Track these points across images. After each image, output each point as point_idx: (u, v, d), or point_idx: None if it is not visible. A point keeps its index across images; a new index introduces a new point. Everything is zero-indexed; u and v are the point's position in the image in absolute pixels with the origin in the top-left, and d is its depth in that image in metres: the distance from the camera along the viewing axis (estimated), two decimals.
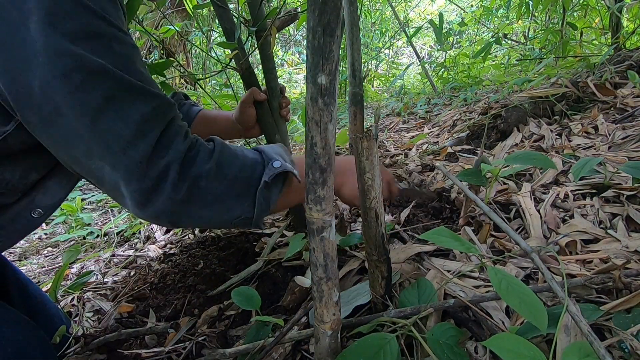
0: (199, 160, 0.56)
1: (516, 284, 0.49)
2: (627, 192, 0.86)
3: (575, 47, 2.58)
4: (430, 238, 0.59)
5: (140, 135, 0.51)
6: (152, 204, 0.53)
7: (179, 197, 0.53)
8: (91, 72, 0.48)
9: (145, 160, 0.51)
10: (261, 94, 0.97)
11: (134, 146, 0.50)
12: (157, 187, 0.52)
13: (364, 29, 5.23)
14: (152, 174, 0.51)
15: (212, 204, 0.57)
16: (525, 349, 0.42)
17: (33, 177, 0.61)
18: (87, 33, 0.48)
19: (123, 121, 0.50)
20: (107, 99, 0.49)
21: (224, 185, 0.57)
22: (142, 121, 0.51)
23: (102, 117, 0.49)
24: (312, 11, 0.36)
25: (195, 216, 0.57)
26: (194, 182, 0.54)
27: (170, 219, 0.56)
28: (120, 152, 0.50)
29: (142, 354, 0.75)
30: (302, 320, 0.73)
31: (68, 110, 0.48)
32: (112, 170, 0.51)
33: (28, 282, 0.86)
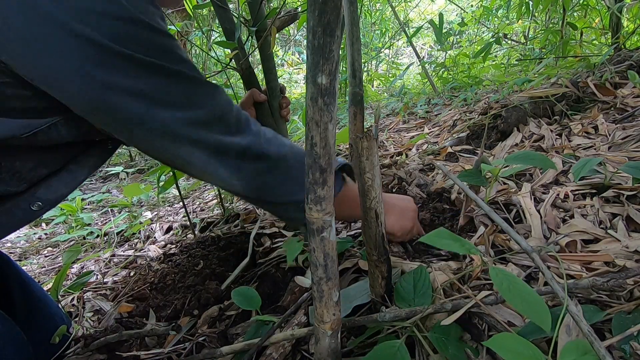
0: (276, 137, 0.66)
1: (518, 284, 0.49)
2: (627, 192, 0.86)
3: (575, 47, 2.58)
4: (430, 241, 0.59)
5: (220, 120, 0.60)
6: (244, 171, 0.61)
7: (269, 162, 0.63)
8: (172, 77, 0.55)
9: (234, 134, 0.60)
10: (261, 95, 0.97)
11: (219, 129, 0.59)
12: (247, 155, 0.61)
13: (364, 29, 5.23)
14: (239, 144, 0.60)
15: (290, 179, 0.65)
16: (525, 349, 0.42)
17: (42, 171, 0.63)
18: (158, 49, 0.54)
19: (207, 111, 0.58)
20: (188, 96, 0.57)
21: (300, 165, 0.64)
22: (219, 109, 0.60)
23: (187, 111, 0.57)
24: (312, 11, 0.36)
25: (276, 189, 0.65)
26: (279, 154, 0.64)
27: (257, 190, 0.64)
28: (210, 135, 0.58)
29: (142, 356, 0.75)
30: (302, 320, 0.73)
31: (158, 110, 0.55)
32: (201, 152, 0.59)
33: (30, 281, 0.86)
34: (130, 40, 0.51)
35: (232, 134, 0.61)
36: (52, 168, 0.64)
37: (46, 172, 0.63)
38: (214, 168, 0.61)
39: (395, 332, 0.62)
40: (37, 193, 0.64)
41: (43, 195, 0.65)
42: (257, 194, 0.65)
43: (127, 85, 0.52)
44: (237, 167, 0.61)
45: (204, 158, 0.59)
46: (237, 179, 0.62)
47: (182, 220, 1.75)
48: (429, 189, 1.19)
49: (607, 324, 0.55)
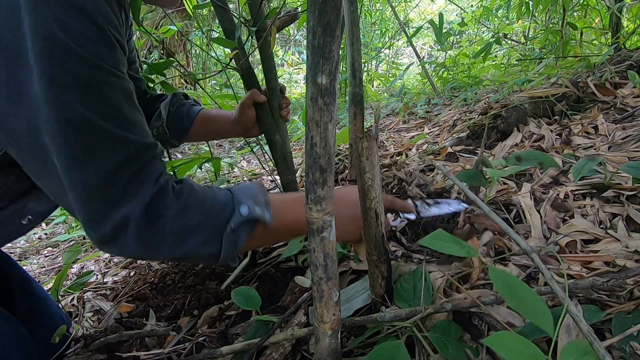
0: (165, 206, 0.55)
1: (519, 284, 0.49)
2: (627, 192, 0.86)
3: (575, 47, 2.58)
4: (429, 244, 0.59)
5: (109, 182, 0.51)
6: (111, 245, 0.54)
7: (142, 240, 0.54)
8: (76, 123, 0.49)
9: (110, 204, 0.52)
10: (261, 95, 0.97)
11: (101, 192, 0.51)
12: (119, 231, 0.53)
13: (364, 29, 5.23)
14: (114, 218, 0.52)
15: (177, 246, 0.57)
16: (525, 348, 0.42)
17: (25, 184, 0.62)
18: (77, 83, 0.48)
19: (96, 169, 0.50)
20: (85, 149, 0.50)
21: (189, 230, 0.57)
22: (115, 168, 0.52)
23: (77, 165, 0.50)
24: (312, 11, 0.36)
25: (162, 255, 0.58)
26: (158, 227, 0.55)
27: (135, 257, 0.59)
28: (88, 198, 0.51)
29: (141, 356, 0.75)
30: (302, 320, 0.73)
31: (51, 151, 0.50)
32: (79, 211, 0.52)
33: (31, 280, 0.86)
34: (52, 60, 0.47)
35: (113, 203, 0.53)
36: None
37: (29, 184, 0.62)
38: (86, 232, 0.55)
39: (395, 332, 0.62)
40: (27, 207, 0.64)
41: (33, 209, 0.65)
42: (130, 257, 0.61)
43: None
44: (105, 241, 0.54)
45: (79, 217, 0.54)
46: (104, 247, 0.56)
47: None
48: (429, 189, 1.19)
49: (607, 324, 0.55)
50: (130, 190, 0.53)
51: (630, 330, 0.49)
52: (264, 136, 1.04)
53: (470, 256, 0.58)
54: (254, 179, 2.03)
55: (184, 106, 1.02)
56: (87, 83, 0.49)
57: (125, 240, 0.53)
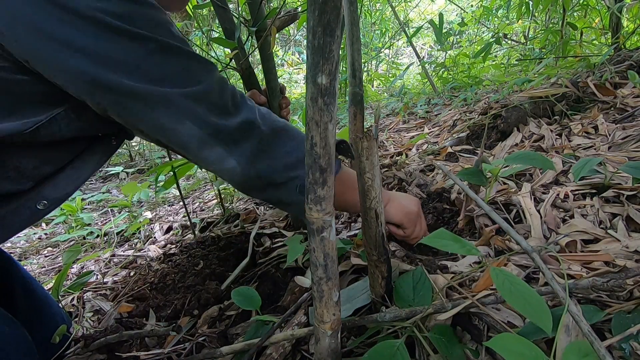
0: (272, 117, 0.66)
1: (519, 284, 0.49)
2: (627, 192, 0.86)
3: (575, 47, 2.58)
4: (431, 242, 0.59)
5: (218, 95, 0.59)
6: (241, 148, 0.61)
7: (266, 136, 0.62)
8: (169, 51, 0.55)
9: (229, 112, 0.60)
10: (261, 96, 0.97)
11: (217, 104, 0.59)
12: (245, 132, 0.61)
13: (364, 29, 5.23)
14: (236, 121, 0.60)
15: (286, 156, 0.64)
16: (526, 349, 0.42)
17: (47, 169, 0.63)
18: (155, 23, 0.54)
19: (205, 86, 0.57)
20: (186, 71, 0.57)
21: (294, 142, 0.65)
22: (217, 84, 0.59)
23: (185, 86, 0.56)
24: (312, 11, 0.36)
25: (273, 165, 0.64)
26: (274, 128, 0.64)
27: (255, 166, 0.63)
28: (208, 111, 0.58)
29: (141, 357, 0.75)
30: (302, 320, 0.73)
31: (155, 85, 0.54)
32: (200, 128, 0.58)
33: (32, 280, 0.86)
34: (123, 14, 0.50)
35: (228, 111, 0.60)
36: (56, 165, 0.64)
37: (51, 169, 0.63)
38: (211, 146, 0.59)
39: (395, 332, 0.62)
40: (44, 192, 0.64)
41: (49, 194, 0.65)
42: (256, 171, 0.63)
43: (123, 60, 0.51)
44: (233, 144, 0.60)
45: (200, 136, 0.58)
46: (235, 156, 0.61)
47: (182, 220, 1.75)
48: (429, 189, 1.19)
49: (607, 324, 0.55)
50: (239, 103, 0.62)
51: (630, 330, 0.49)
52: None
53: (470, 255, 0.58)
54: None
55: None
56: (168, 27, 0.56)
57: (251, 141, 0.61)
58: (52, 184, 0.64)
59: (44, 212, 0.66)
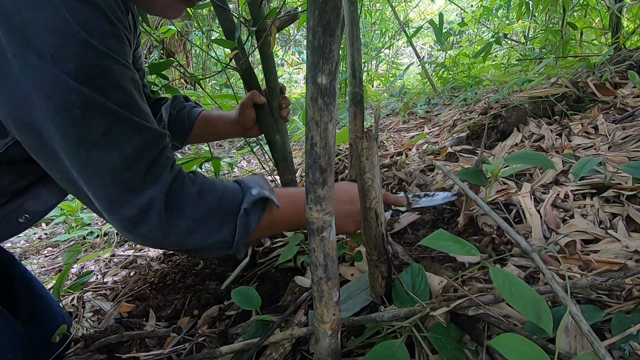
0: (183, 191, 0.59)
1: (519, 284, 0.49)
2: (627, 192, 0.86)
3: (575, 47, 2.58)
4: (430, 244, 0.59)
5: (130, 167, 0.53)
6: (138, 230, 0.55)
7: (164, 225, 0.56)
8: (92, 109, 0.50)
9: (133, 190, 0.54)
10: (261, 97, 0.97)
11: (123, 177, 0.53)
12: (143, 215, 0.55)
13: (364, 29, 5.23)
14: (138, 203, 0.54)
15: (195, 231, 0.59)
16: (529, 349, 0.42)
17: (22, 182, 0.62)
18: (91, 73, 0.50)
19: (116, 153, 0.52)
20: (103, 134, 0.51)
21: (206, 213, 0.60)
22: (134, 153, 0.53)
23: (96, 150, 0.51)
24: (312, 11, 0.36)
25: (181, 241, 0.60)
26: (178, 211, 0.57)
27: (157, 244, 0.59)
28: (110, 183, 0.53)
29: (141, 357, 0.75)
30: (302, 320, 0.73)
31: (65, 142, 0.50)
32: (99, 198, 0.54)
33: (33, 280, 0.86)
34: (61, 56, 0.47)
35: (135, 188, 0.54)
36: (33, 178, 0.63)
37: (27, 182, 0.62)
38: (109, 219, 0.56)
39: (394, 332, 0.62)
40: (25, 205, 0.64)
41: (30, 207, 0.65)
42: (156, 246, 0.62)
43: (41, 105, 0.49)
44: (130, 225, 0.55)
45: (99, 207, 0.55)
46: (131, 233, 0.56)
47: None
48: (429, 189, 1.19)
49: (607, 324, 0.55)
50: (151, 175, 0.55)
51: (629, 330, 0.49)
52: (264, 136, 1.04)
53: (470, 255, 0.58)
54: None
55: (185, 109, 1.02)
56: (102, 72, 0.51)
57: (150, 223, 0.55)
58: (34, 197, 0.64)
59: (25, 226, 0.66)
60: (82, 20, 0.48)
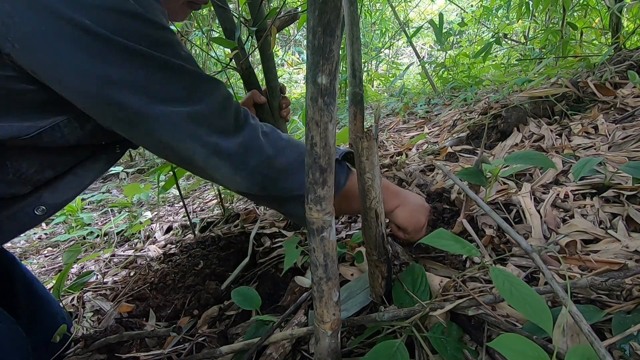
0: (276, 133, 0.66)
1: (519, 284, 0.49)
2: (627, 192, 0.86)
3: (575, 47, 2.58)
4: (431, 242, 0.59)
5: (220, 114, 0.59)
6: (247, 166, 0.61)
7: (267, 160, 0.62)
8: (173, 71, 0.55)
9: (231, 132, 0.60)
10: (261, 97, 0.97)
11: (218, 124, 0.59)
12: (246, 150, 0.61)
13: (364, 29, 5.23)
14: (238, 141, 0.60)
15: (292, 173, 0.64)
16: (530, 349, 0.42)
17: (48, 174, 0.62)
18: (161, 43, 0.54)
19: (204, 105, 0.58)
20: (188, 91, 0.56)
21: (300, 159, 0.65)
22: (220, 103, 0.60)
23: (187, 106, 0.56)
24: (312, 11, 0.36)
25: (279, 184, 0.64)
26: (276, 149, 0.63)
27: (262, 183, 0.63)
28: (208, 131, 0.58)
29: (141, 357, 0.75)
30: (302, 320, 0.73)
31: (155, 104, 0.54)
32: (203, 148, 0.58)
33: (33, 280, 0.86)
34: (130, 33, 0.51)
35: (231, 131, 0.60)
36: (58, 171, 0.63)
37: (52, 174, 0.63)
38: (215, 165, 0.60)
39: (394, 332, 0.62)
40: (42, 197, 0.64)
41: (48, 200, 0.64)
42: (260, 189, 0.64)
43: (125, 79, 0.51)
44: (237, 164, 0.61)
45: (204, 155, 0.59)
46: (240, 175, 0.61)
47: (182, 220, 1.75)
48: (429, 189, 1.19)
49: (607, 324, 0.55)
50: (240, 120, 0.62)
51: (630, 330, 0.49)
52: None
53: (471, 255, 0.58)
54: None
55: None
56: (166, 42, 0.55)
57: (253, 157, 0.61)
58: (51, 189, 0.64)
59: (42, 218, 0.66)
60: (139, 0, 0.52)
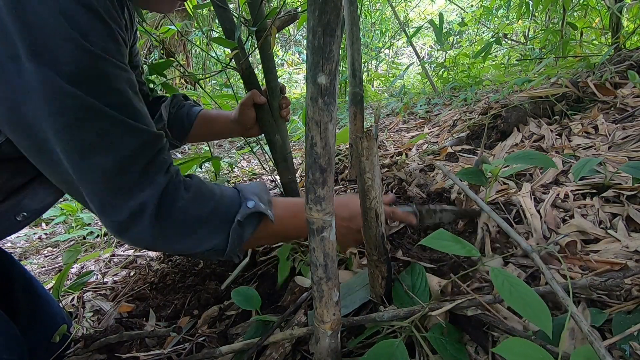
0: (177, 196, 0.58)
1: (519, 285, 0.49)
2: (627, 192, 0.86)
3: (575, 47, 2.58)
4: (431, 243, 0.59)
5: (124, 170, 0.53)
6: (129, 233, 0.55)
7: (155, 229, 0.56)
8: (86, 111, 0.50)
9: (126, 193, 0.54)
10: (261, 97, 0.97)
11: (116, 180, 0.53)
12: (135, 218, 0.54)
13: (364, 29, 5.23)
14: (130, 206, 0.54)
15: (188, 236, 0.59)
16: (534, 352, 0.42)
17: (18, 180, 0.62)
18: (86, 76, 0.49)
19: (110, 157, 0.52)
20: (98, 137, 0.51)
21: (198, 221, 0.59)
22: (129, 157, 0.53)
23: (91, 153, 0.51)
24: (312, 11, 0.36)
25: (171, 246, 0.60)
26: (170, 216, 0.57)
27: (147, 246, 0.59)
28: (103, 186, 0.53)
29: (141, 357, 0.75)
30: (302, 320, 0.73)
31: (59, 144, 0.50)
32: (91, 199, 0.54)
33: (33, 280, 0.86)
34: (59, 60, 0.47)
35: (128, 191, 0.54)
36: (28, 176, 0.62)
37: (23, 180, 0.62)
38: (102, 221, 0.56)
39: (394, 332, 0.62)
40: (22, 203, 0.63)
41: (28, 206, 0.64)
42: (146, 248, 0.62)
43: (38, 108, 0.49)
44: (122, 228, 0.55)
45: (93, 208, 0.55)
46: (122, 236, 0.57)
47: None
48: (429, 189, 1.19)
49: (607, 324, 0.55)
50: (146, 178, 0.55)
51: (630, 330, 0.49)
52: (264, 136, 1.04)
53: (471, 255, 0.58)
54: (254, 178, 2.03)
55: (184, 107, 1.02)
56: (97, 75, 0.50)
57: (141, 226, 0.55)
58: (31, 195, 0.64)
59: (23, 224, 0.66)
60: (77, 22, 0.48)
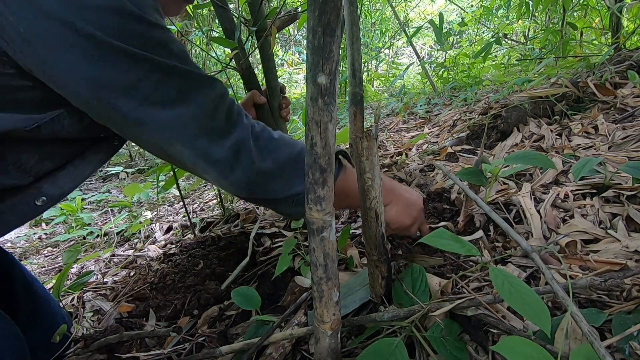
0: (267, 134, 0.64)
1: (518, 285, 0.49)
2: (627, 192, 0.86)
3: (575, 47, 2.58)
4: (431, 242, 0.59)
5: (211, 115, 0.58)
6: (234, 172, 0.60)
7: (255, 165, 0.61)
8: (164, 72, 0.55)
9: (221, 134, 0.59)
10: (261, 97, 0.97)
11: (208, 125, 0.58)
12: (235, 156, 0.60)
13: (364, 29, 5.23)
14: (228, 145, 0.59)
15: (280, 176, 0.64)
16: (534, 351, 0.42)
17: (47, 165, 0.63)
18: (153, 43, 0.54)
19: (195, 105, 0.57)
20: (180, 91, 0.56)
21: (290, 160, 0.64)
22: (212, 103, 0.59)
23: (177, 107, 0.56)
24: (312, 11, 0.36)
25: (269, 187, 0.64)
26: (266, 152, 0.62)
27: (249, 188, 0.63)
28: (198, 133, 0.57)
29: (141, 357, 0.75)
30: (302, 320, 0.73)
31: (148, 106, 0.54)
32: (191, 151, 0.58)
33: (33, 280, 0.86)
34: (122, 34, 0.51)
35: (221, 133, 0.60)
36: (57, 162, 0.64)
37: (51, 166, 0.63)
38: (203, 169, 0.60)
39: (394, 332, 0.62)
40: (43, 188, 0.64)
41: (48, 191, 0.65)
42: (248, 193, 0.64)
43: (115, 81, 0.52)
44: (224, 170, 0.60)
45: (193, 158, 0.59)
46: (227, 180, 0.61)
47: (182, 220, 1.75)
48: (429, 189, 1.19)
49: (607, 324, 0.55)
50: (232, 121, 0.61)
51: (630, 330, 0.49)
52: None
53: (471, 255, 0.58)
54: None
55: None
56: (159, 41, 0.55)
57: (244, 163, 0.60)
58: (52, 180, 0.65)
59: (42, 209, 0.66)
60: (135, 2, 0.52)
